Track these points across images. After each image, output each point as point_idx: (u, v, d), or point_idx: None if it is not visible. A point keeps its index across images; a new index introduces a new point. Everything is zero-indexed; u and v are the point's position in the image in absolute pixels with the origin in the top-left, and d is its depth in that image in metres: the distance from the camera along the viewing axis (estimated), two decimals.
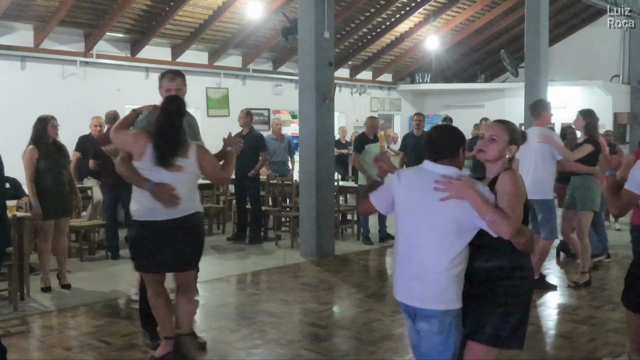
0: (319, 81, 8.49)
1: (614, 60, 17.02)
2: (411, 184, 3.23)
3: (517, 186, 3.10)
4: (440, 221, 3.06)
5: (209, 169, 4.47)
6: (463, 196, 2.99)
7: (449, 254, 3.04)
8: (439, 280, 3.05)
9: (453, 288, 3.06)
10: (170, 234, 4.32)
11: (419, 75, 17.47)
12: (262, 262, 8.34)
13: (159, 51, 12.34)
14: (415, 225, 3.15)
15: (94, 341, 5.20)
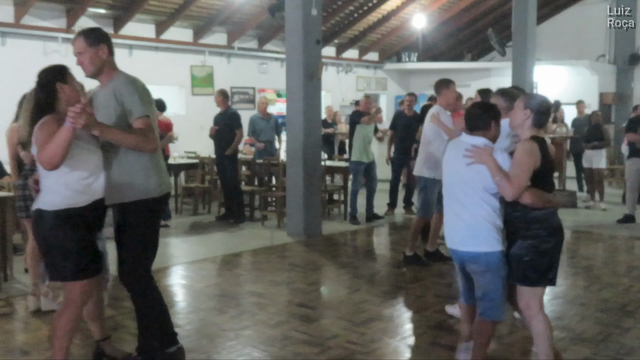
0: (306, 59, 8.38)
1: (600, 40, 17.00)
2: (450, 152, 4.00)
3: (525, 155, 3.62)
4: (470, 181, 3.77)
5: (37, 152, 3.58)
6: (482, 162, 3.68)
7: (481, 206, 3.76)
8: (479, 228, 3.77)
9: (491, 234, 3.75)
10: None
11: (406, 54, 17.35)
12: (249, 243, 8.28)
13: (143, 28, 12.12)
14: (454, 185, 3.90)
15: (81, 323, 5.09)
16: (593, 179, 11.08)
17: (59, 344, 3.76)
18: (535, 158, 3.63)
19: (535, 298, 3.77)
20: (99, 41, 3.90)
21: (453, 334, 4.87)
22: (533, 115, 3.73)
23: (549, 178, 3.78)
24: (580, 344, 4.67)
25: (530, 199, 3.63)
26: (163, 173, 4.01)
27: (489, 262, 3.77)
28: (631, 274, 6.74)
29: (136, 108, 3.76)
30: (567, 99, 14.97)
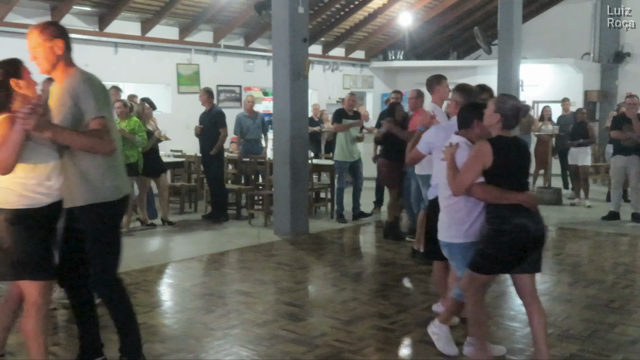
0: (293, 57, 8.36)
1: (584, 38, 17.12)
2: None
3: (473, 154, 3.89)
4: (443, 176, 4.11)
5: None
6: (445, 158, 4.03)
7: (447, 200, 4.10)
8: (443, 220, 4.18)
9: (452, 227, 4.11)
10: None
11: (392, 52, 17.36)
12: (236, 241, 8.25)
13: (128, 26, 12.04)
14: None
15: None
16: (578, 176, 11.15)
17: (35, 347, 3.70)
18: (485, 158, 3.80)
19: (472, 284, 3.97)
20: (55, 36, 3.70)
21: None
22: (502, 118, 3.88)
23: (511, 177, 3.87)
24: (566, 340, 4.69)
25: (480, 195, 3.87)
26: (121, 175, 3.84)
27: (451, 252, 4.21)
28: (616, 271, 6.79)
29: (91, 108, 3.56)
30: (552, 97, 15.07)
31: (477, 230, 4.02)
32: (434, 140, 4.87)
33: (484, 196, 3.86)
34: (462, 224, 4.05)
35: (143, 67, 12.18)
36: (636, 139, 9.21)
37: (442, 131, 4.83)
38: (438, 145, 4.68)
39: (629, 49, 16.48)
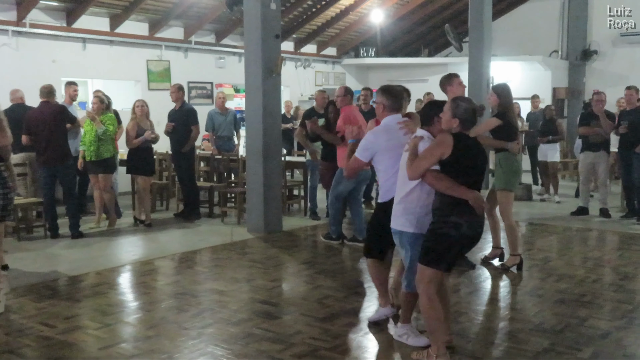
0: (265, 54, 8.31)
1: (553, 36, 17.33)
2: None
3: (433, 143, 4.07)
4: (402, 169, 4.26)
5: None
6: (409, 148, 4.15)
7: (402, 190, 4.30)
8: (397, 209, 4.32)
9: (404, 215, 4.27)
10: None
11: (364, 49, 17.38)
12: (208, 239, 8.19)
13: (97, 21, 11.84)
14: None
15: (35, 324, 4.98)
16: (547, 172, 11.30)
17: None
18: (444, 148, 3.97)
19: (422, 277, 4.11)
20: None
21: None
22: (460, 122, 4.06)
23: (465, 173, 4.01)
24: (538, 335, 4.74)
25: (431, 181, 4.02)
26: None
27: (402, 241, 4.35)
28: (586, 265, 6.89)
29: None
30: (522, 94, 15.19)
31: (427, 223, 4.16)
32: (375, 146, 4.70)
33: (435, 183, 4.00)
34: (413, 214, 4.22)
35: (112, 63, 12.00)
36: (604, 134, 9.36)
37: (382, 134, 4.73)
38: (381, 149, 4.67)
39: (596, 47, 16.73)
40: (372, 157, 4.74)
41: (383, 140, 4.68)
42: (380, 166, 4.74)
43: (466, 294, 5.95)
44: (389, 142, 4.66)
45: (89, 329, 4.90)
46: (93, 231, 8.59)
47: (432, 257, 4.06)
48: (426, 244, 4.08)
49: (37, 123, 8.01)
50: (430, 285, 4.08)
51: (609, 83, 15.14)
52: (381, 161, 4.71)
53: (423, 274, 4.10)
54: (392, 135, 4.67)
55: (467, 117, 4.08)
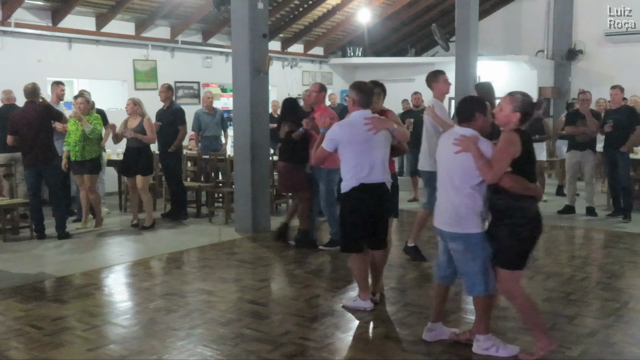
0: (253, 53, 8.30)
1: (538, 36, 17.43)
2: (443, 142, 4.36)
3: (506, 143, 3.98)
4: (456, 168, 4.14)
5: None
6: (467, 150, 4.04)
7: (464, 191, 4.12)
8: (461, 211, 4.14)
9: (471, 217, 4.12)
10: None
11: (351, 48, 17.40)
12: (197, 240, 8.16)
13: (83, 20, 11.76)
14: (444, 172, 4.28)
15: (23, 326, 4.94)
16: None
17: None
18: (516, 147, 3.95)
19: (514, 281, 4.14)
20: None
21: (405, 328, 4.91)
22: (522, 116, 4.07)
23: (530, 169, 4.08)
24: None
25: (509, 183, 3.95)
26: None
27: (468, 243, 4.15)
28: (573, 263, 6.94)
29: None
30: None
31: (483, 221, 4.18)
32: (338, 137, 5.02)
33: (514, 184, 3.96)
34: (480, 215, 4.15)
35: (98, 63, 11.93)
36: (590, 133, 9.42)
37: (345, 127, 5.05)
38: (344, 141, 4.98)
39: (581, 47, 16.85)
40: (336, 148, 5.06)
41: (346, 133, 5.00)
42: (342, 158, 5.07)
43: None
44: (351, 136, 4.99)
45: (77, 331, 4.86)
46: (80, 232, 8.53)
47: (522, 259, 4.11)
48: (514, 247, 4.05)
49: (21, 123, 7.95)
50: (517, 284, 4.18)
51: (594, 82, 15.26)
52: (343, 153, 5.03)
53: (514, 277, 4.12)
54: (356, 129, 4.98)
55: (528, 112, 4.08)
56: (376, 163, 5.04)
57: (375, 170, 5.04)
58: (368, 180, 5.03)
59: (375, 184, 5.06)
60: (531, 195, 4.04)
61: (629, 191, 9.41)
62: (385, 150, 5.12)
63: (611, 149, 9.29)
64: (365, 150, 5.00)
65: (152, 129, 8.74)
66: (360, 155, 5.00)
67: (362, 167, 5.01)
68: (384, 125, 5.07)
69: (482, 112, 4.18)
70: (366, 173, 5.02)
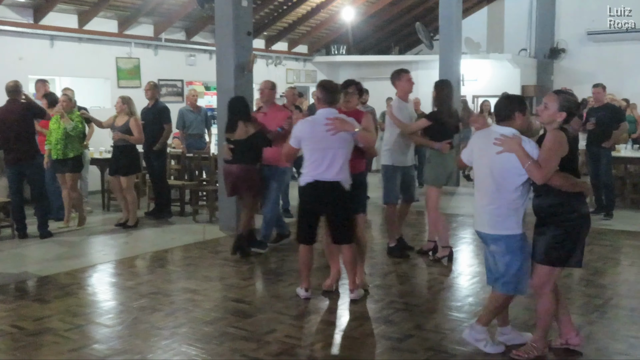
0: (237, 51, 8.27)
1: (521, 35, 17.52)
2: (480, 140, 4.30)
3: (555, 143, 3.93)
4: (496, 169, 4.09)
5: None
6: (511, 150, 3.97)
7: (505, 192, 4.07)
8: (501, 212, 4.10)
9: (512, 218, 4.08)
10: None
11: (335, 47, 17.39)
12: (181, 238, 8.12)
13: (65, 18, 11.65)
14: (482, 172, 4.23)
15: (5, 326, 4.89)
16: None
17: None
18: (564, 147, 3.95)
19: (551, 278, 4.11)
20: None
21: (391, 325, 4.92)
22: (567, 116, 4.04)
23: (574, 165, 4.10)
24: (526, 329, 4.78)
25: (559, 182, 3.93)
26: None
27: (509, 244, 4.13)
28: None
29: None
30: (491, 92, 15.38)
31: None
32: (300, 133, 5.23)
33: (564, 182, 3.94)
34: (520, 215, 4.12)
35: (81, 61, 11.82)
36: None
37: (307, 124, 5.26)
38: (305, 138, 5.18)
39: (563, 45, 16.96)
40: (299, 144, 5.25)
41: (307, 130, 5.20)
42: (304, 153, 5.27)
43: (439, 290, 5.99)
44: (311, 133, 5.17)
45: (60, 330, 4.82)
46: (62, 231, 8.45)
47: (564, 256, 4.05)
48: (557, 244, 4.02)
49: (3, 121, 7.86)
50: (552, 283, 4.13)
51: (577, 81, 15.36)
52: (303, 149, 5.25)
53: (551, 274, 4.09)
54: (316, 127, 5.13)
55: (573, 111, 4.06)
56: (333, 162, 5.15)
57: (331, 169, 5.16)
58: (322, 177, 5.17)
59: (329, 182, 5.18)
60: (579, 191, 4.04)
61: (611, 188, 9.49)
62: (344, 151, 5.19)
63: (594, 146, 9.36)
64: (322, 149, 5.14)
65: (139, 129, 8.65)
66: (317, 152, 5.17)
67: (318, 165, 5.17)
68: (344, 127, 5.10)
69: (522, 111, 4.15)
70: (322, 170, 5.17)
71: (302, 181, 5.30)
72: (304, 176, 5.30)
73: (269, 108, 7.37)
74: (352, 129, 5.12)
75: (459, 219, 9.55)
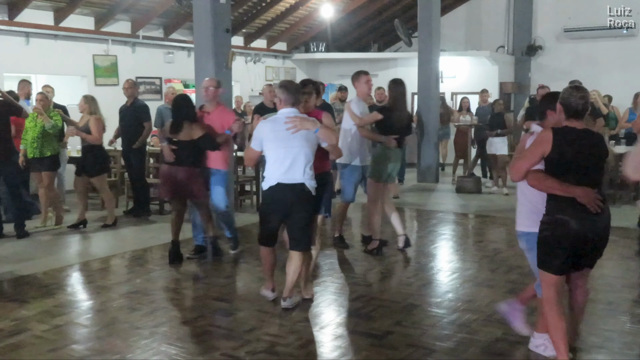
0: (216, 48, 8.24)
1: (499, 32, 17.64)
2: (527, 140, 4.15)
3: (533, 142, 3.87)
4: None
5: None
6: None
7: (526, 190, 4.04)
8: (523, 209, 4.18)
9: (532, 216, 4.04)
10: None
11: (314, 44, 17.37)
12: (160, 237, 8.05)
13: (40, 15, 11.50)
14: None
15: None
16: (496, 165, 11.52)
17: None
18: (544, 145, 3.74)
19: (543, 282, 3.95)
20: None
21: (371, 322, 4.93)
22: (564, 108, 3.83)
23: (569, 168, 3.74)
24: (490, 325, 4.83)
25: (532, 182, 3.81)
26: None
27: (529, 242, 4.11)
28: None
29: None
30: (470, 89, 15.48)
31: None
32: (261, 134, 5.07)
33: (537, 183, 3.79)
34: (538, 213, 3.95)
35: (57, 58, 11.68)
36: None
37: (268, 124, 5.10)
38: (266, 138, 5.03)
39: (540, 42, 17.09)
40: (262, 147, 5.08)
41: (268, 130, 5.05)
42: (265, 155, 5.10)
43: (419, 286, 6.02)
44: (272, 133, 5.02)
45: (37, 331, 4.76)
46: (39, 230, 8.36)
47: (542, 260, 3.90)
48: (537, 245, 3.93)
49: None
50: (548, 289, 3.90)
51: (553, 77, 15.49)
52: (264, 150, 5.08)
53: (542, 277, 3.96)
54: (277, 126, 5.00)
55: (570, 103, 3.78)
56: (295, 162, 4.96)
57: (295, 170, 4.97)
58: (286, 179, 4.98)
59: (292, 184, 4.99)
60: (571, 196, 3.70)
61: None
62: (306, 150, 5.01)
63: None
64: (284, 148, 4.95)
65: (97, 128, 8.37)
66: (279, 152, 4.98)
67: (280, 165, 4.98)
68: (305, 126, 4.96)
69: (552, 108, 4.00)
70: (284, 171, 4.97)
71: (265, 184, 5.11)
72: (267, 179, 5.09)
73: (214, 108, 6.80)
74: (313, 127, 4.98)
75: (439, 215, 9.60)
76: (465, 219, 9.53)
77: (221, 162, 6.78)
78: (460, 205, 10.45)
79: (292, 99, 5.10)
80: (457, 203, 10.65)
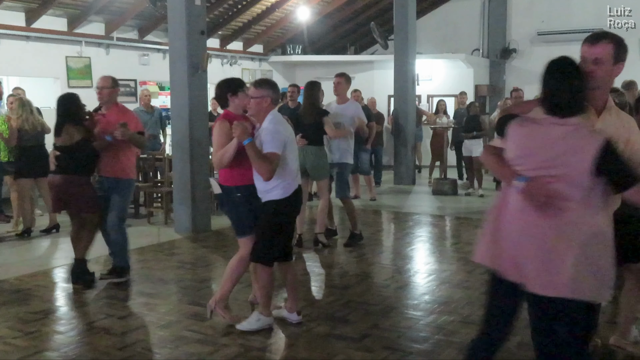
0: (191, 50, 8.17)
1: (474, 35, 17.77)
2: None
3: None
4: None
5: None
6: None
7: None
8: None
9: None
10: None
11: (290, 46, 17.36)
12: (135, 241, 7.90)
13: (11, 16, 11.33)
14: None
15: None
16: (472, 167, 11.59)
17: None
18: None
19: None
20: None
21: (348, 325, 4.91)
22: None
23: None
24: (467, 326, 4.83)
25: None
26: None
27: None
28: None
29: None
30: (446, 91, 15.59)
31: None
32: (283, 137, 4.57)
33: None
34: None
35: (29, 60, 11.52)
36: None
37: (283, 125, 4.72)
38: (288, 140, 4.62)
39: (514, 46, 17.26)
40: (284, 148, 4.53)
41: (288, 132, 4.68)
42: (283, 159, 4.50)
43: (395, 288, 6.02)
44: (289, 134, 4.68)
45: (8, 338, 4.67)
46: (10, 235, 8.22)
47: None
48: None
49: None
50: None
51: (527, 80, 15.59)
52: (286, 152, 4.53)
53: None
54: (288, 128, 4.80)
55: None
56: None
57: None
58: (298, 181, 4.75)
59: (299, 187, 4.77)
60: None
61: None
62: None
63: None
64: (296, 148, 4.86)
65: (10, 130, 8.11)
66: (296, 153, 4.79)
67: (296, 167, 4.75)
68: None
69: None
70: (297, 174, 4.74)
71: (286, 191, 4.57)
72: (287, 184, 4.57)
73: (109, 109, 6.16)
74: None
75: (415, 217, 9.63)
76: (442, 221, 9.57)
77: (121, 170, 6.03)
78: (436, 207, 10.49)
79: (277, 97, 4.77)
80: (434, 205, 10.69)
